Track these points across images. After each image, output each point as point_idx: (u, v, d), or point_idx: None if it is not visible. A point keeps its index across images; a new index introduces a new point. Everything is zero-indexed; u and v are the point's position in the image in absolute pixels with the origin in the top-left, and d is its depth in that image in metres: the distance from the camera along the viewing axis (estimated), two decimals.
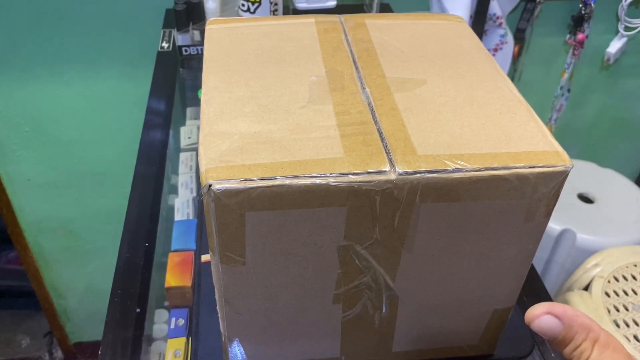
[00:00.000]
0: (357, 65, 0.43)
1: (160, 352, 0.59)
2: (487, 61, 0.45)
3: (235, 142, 0.35)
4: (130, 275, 0.60)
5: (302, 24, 0.48)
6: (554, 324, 0.28)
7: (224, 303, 0.39)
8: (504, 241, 0.38)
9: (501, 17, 1.11)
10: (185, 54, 0.97)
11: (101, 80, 1.14)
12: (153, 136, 0.79)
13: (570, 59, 1.23)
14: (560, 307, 0.28)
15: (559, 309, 0.28)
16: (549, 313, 0.28)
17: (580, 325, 0.28)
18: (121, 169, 1.26)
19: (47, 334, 1.64)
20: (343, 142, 0.35)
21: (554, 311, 0.28)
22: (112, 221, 1.35)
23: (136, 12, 1.07)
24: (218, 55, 0.44)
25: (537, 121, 0.38)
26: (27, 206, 1.32)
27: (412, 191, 0.34)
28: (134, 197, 0.69)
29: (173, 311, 0.60)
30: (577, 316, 0.28)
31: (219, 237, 0.35)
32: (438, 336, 0.46)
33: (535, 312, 0.28)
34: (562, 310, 0.28)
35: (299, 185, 0.32)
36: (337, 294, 0.40)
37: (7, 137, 1.20)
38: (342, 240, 0.36)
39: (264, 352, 0.44)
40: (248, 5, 0.87)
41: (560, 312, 0.28)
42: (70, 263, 1.45)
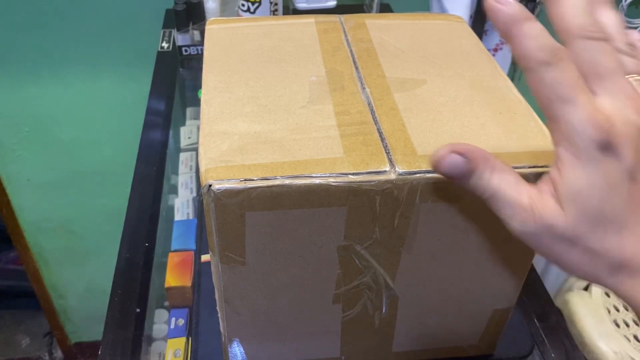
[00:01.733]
0: (357, 65, 0.43)
1: (160, 352, 0.59)
2: (487, 61, 0.45)
3: (235, 142, 0.35)
4: (130, 275, 0.60)
5: (302, 24, 0.48)
6: (459, 160, 0.29)
7: (224, 303, 0.39)
8: (504, 241, 0.38)
9: None
10: (185, 54, 0.97)
11: (101, 80, 1.14)
12: (153, 136, 0.79)
13: None
14: (461, 144, 0.29)
15: (460, 146, 0.29)
16: (452, 151, 0.29)
17: (480, 157, 0.29)
18: (121, 169, 1.26)
19: (47, 334, 1.64)
20: (343, 142, 0.35)
21: (457, 148, 0.29)
22: (112, 221, 1.35)
23: (136, 12, 1.07)
24: (218, 55, 0.44)
25: (537, 121, 0.38)
26: (27, 206, 1.32)
27: (412, 191, 0.34)
28: (134, 197, 0.69)
29: (173, 311, 0.60)
30: (476, 149, 0.29)
31: (219, 237, 0.35)
32: (438, 336, 0.46)
33: (440, 153, 0.29)
34: (463, 146, 0.29)
35: (299, 185, 0.32)
36: (337, 294, 0.40)
37: (7, 137, 1.20)
38: (342, 240, 0.36)
39: (264, 352, 0.44)
40: (248, 5, 0.87)
41: (462, 147, 0.29)
42: (70, 263, 1.45)
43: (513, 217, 0.29)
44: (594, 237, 0.27)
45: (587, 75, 0.27)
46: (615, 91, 0.27)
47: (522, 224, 0.28)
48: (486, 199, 0.29)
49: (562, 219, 0.27)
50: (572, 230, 0.27)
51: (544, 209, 0.28)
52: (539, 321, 0.56)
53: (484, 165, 0.29)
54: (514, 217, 0.28)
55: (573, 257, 0.28)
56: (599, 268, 0.28)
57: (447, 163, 0.29)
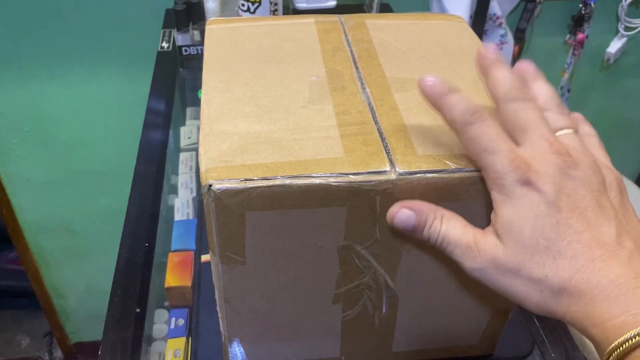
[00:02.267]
0: (357, 65, 0.43)
1: (160, 352, 0.59)
2: None
3: (235, 142, 0.35)
4: (130, 275, 0.60)
5: (302, 24, 0.48)
6: (408, 214, 0.33)
7: (224, 303, 0.39)
8: None
9: (501, 17, 1.11)
10: (185, 54, 0.97)
11: (101, 80, 1.14)
12: (153, 136, 0.79)
13: (570, 59, 1.23)
14: (411, 201, 0.33)
15: (409, 202, 0.33)
16: (403, 207, 0.33)
17: (429, 209, 0.33)
18: (121, 169, 1.26)
19: (47, 334, 1.64)
20: (343, 142, 0.35)
21: (406, 205, 0.33)
22: (112, 221, 1.35)
23: (136, 12, 1.07)
24: (218, 55, 0.44)
25: None
26: (27, 206, 1.32)
27: (412, 191, 0.34)
28: (134, 197, 0.69)
29: (173, 311, 0.61)
30: (424, 203, 0.33)
31: (219, 237, 0.35)
32: (438, 336, 0.46)
33: (392, 211, 0.33)
34: (412, 203, 0.33)
35: (299, 185, 0.32)
36: (337, 294, 0.40)
37: (7, 137, 1.20)
38: (342, 240, 0.36)
39: (264, 352, 0.44)
40: (248, 5, 0.87)
41: (411, 204, 0.33)
42: (70, 263, 1.45)
43: (462, 256, 0.32)
44: (533, 265, 0.30)
45: (512, 131, 0.32)
46: (535, 139, 0.31)
47: (471, 260, 0.32)
48: (439, 245, 0.33)
49: (502, 251, 0.31)
50: (513, 260, 0.30)
51: (486, 245, 0.31)
52: (539, 321, 0.56)
53: (432, 216, 0.33)
54: (463, 256, 0.32)
55: (520, 287, 0.31)
56: (545, 295, 0.30)
57: (398, 219, 0.33)
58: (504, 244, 0.31)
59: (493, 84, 0.33)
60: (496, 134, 0.31)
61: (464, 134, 0.32)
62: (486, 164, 0.31)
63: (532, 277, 0.30)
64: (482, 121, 0.31)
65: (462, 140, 0.32)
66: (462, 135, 0.32)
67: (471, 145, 0.32)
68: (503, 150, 0.30)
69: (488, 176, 0.32)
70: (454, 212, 0.33)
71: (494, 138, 0.31)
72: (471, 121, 0.31)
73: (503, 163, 0.30)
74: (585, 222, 0.30)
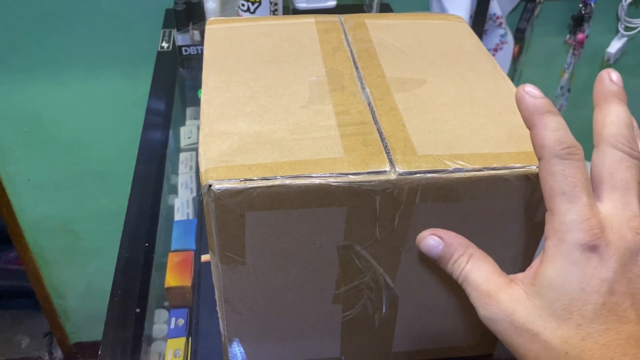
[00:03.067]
0: (357, 65, 0.43)
1: (160, 352, 0.59)
2: (487, 61, 0.45)
3: (235, 142, 0.35)
4: (130, 275, 0.60)
5: (302, 24, 0.48)
6: (436, 243, 0.32)
7: (224, 303, 0.39)
8: (503, 241, 0.38)
9: (501, 17, 1.11)
10: (185, 54, 0.97)
11: (101, 80, 1.14)
12: (153, 136, 0.79)
13: (570, 59, 1.23)
14: (442, 231, 0.33)
15: (440, 232, 0.33)
16: (432, 234, 0.33)
17: (459, 244, 0.32)
18: (121, 169, 1.26)
19: (47, 334, 1.64)
20: (343, 142, 0.35)
21: (437, 233, 0.33)
22: (112, 221, 1.34)
23: (136, 12, 1.07)
24: (218, 55, 0.44)
25: None
26: (27, 206, 1.32)
27: (412, 191, 0.34)
28: (134, 197, 0.69)
29: (173, 311, 0.60)
30: (457, 237, 0.32)
31: (219, 237, 0.35)
32: (438, 336, 0.46)
33: (422, 235, 0.33)
34: (443, 233, 0.33)
35: (299, 185, 0.32)
36: (337, 294, 0.40)
37: (7, 137, 1.20)
38: (342, 240, 0.36)
39: (264, 352, 0.44)
40: (248, 5, 0.87)
41: (442, 233, 0.33)
42: (70, 263, 1.45)
43: (477, 301, 0.30)
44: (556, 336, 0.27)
45: (601, 181, 0.28)
46: (620, 205, 0.27)
47: (485, 309, 0.30)
48: (460, 282, 0.32)
49: (525, 308, 0.28)
50: (535, 321, 0.28)
51: (508, 297, 0.29)
52: None
53: (460, 252, 0.32)
54: (478, 301, 0.30)
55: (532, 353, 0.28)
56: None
57: (424, 244, 0.33)
58: (531, 300, 0.28)
59: (603, 119, 0.29)
60: (582, 181, 0.27)
61: (549, 166, 0.28)
62: (557, 209, 0.27)
63: (550, 346, 0.27)
64: (574, 160, 0.27)
65: (542, 170, 0.28)
66: (545, 165, 0.28)
67: (550, 181, 0.28)
68: (581, 204, 0.27)
69: (552, 222, 0.28)
70: (485, 254, 0.32)
71: (578, 185, 0.27)
72: (562, 155, 0.27)
73: (576, 218, 0.27)
74: (635, 314, 0.26)
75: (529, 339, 0.28)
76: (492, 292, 0.30)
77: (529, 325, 0.28)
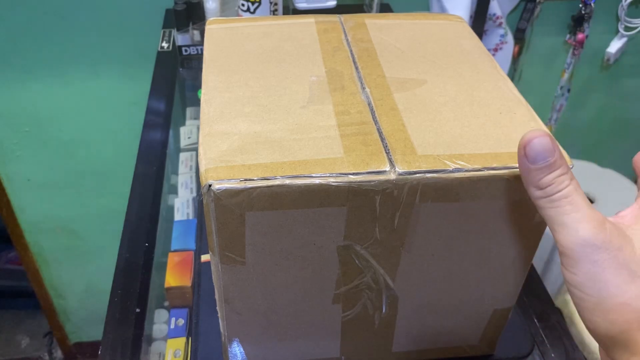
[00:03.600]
0: (357, 65, 0.43)
1: (160, 352, 0.59)
2: (487, 61, 0.45)
3: (235, 142, 0.35)
4: (130, 275, 0.60)
5: (302, 24, 0.48)
6: (551, 146, 0.28)
7: (224, 303, 0.39)
8: (504, 241, 0.38)
9: (501, 17, 1.11)
10: (185, 54, 0.97)
11: (101, 80, 1.14)
12: (153, 136, 0.79)
13: (570, 59, 1.23)
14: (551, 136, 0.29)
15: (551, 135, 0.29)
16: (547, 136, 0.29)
17: (564, 155, 0.29)
18: (121, 169, 1.26)
19: (46, 334, 1.64)
20: (343, 142, 0.35)
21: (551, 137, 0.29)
22: (112, 221, 1.35)
23: (136, 12, 1.07)
24: (218, 55, 0.44)
25: (537, 121, 0.38)
26: (27, 206, 1.32)
27: (412, 191, 0.34)
28: (134, 197, 0.69)
29: (173, 311, 0.61)
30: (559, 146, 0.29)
31: (219, 237, 0.35)
32: (438, 336, 0.46)
33: (533, 134, 0.29)
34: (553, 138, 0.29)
35: (299, 185, 0.32)
36: (337, 294, 0.40)
37: (7, 137, 1.20)
38: (342, 240, 0.36)
39: (264, 352, 0.44)
40: (248, 5, 0.87)
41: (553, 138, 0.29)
42: (70, 263, 1.45)
43: (579, 222, 0.27)
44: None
45: None
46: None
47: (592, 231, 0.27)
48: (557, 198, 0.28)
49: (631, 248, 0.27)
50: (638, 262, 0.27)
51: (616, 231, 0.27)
52: (539, 321, 0.56)
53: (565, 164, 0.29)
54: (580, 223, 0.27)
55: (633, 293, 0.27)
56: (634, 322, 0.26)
57: (539, 143, 0.28)
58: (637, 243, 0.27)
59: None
60: None
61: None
62: None
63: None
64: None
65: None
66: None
67: None
68: None
69: None
70: None
71: None
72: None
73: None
74: None
75: (628, 279, 0.27)
76: (599, 219, 0.27)
77: (633, 266, 0.27)
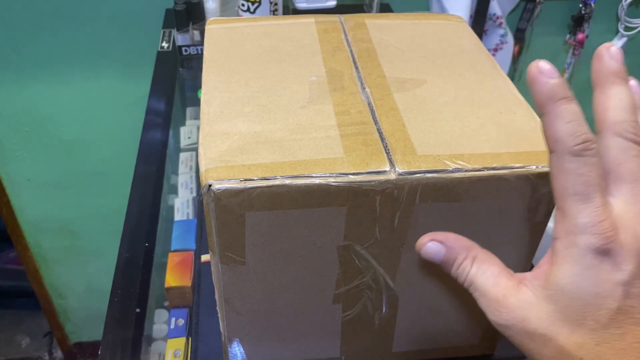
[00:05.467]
0: (357, 65, 0.43)
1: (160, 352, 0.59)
2: (487, 61, 0.45)
3: (235, 142, 0.35)
4: (130, 275, 0.60)
5: (302, 24, 0.48)
6: (437, 248, 0.30)
7: (224, 303, 0.39)
8: (504, 241, 0.38)
9: (501, 17, 1.11)
10: (185, 54, 0.97)
11: (101, 80, 1.14)
12: (153, 136, 0.79)
13: (570, 59, 1.23)
14: (442, 234, 0.31)
15: (440, 235, 0.31)
16: (432, 240, 0.31)
17: (461, 247, 0.30)
18: (121, 169, 1.26)
19: (47, 334, 1.64)
20: (343, 142, 0.35)
21: (437, 237, 0.31)
22: (112, 221, 1.35)
23: (136, 12, 1.07)
24: (218, 55, 0.44)
25: (537, 121, 0.38)
26: (27, 206, 1.32)
27: (412, 191, 0.34)
28: (134, 197, 0.69)
29: (173, 311, 0.61)
30: (458, 239, 0.30)
31: (219, 237, 0.35)
32: (438, 336, 0.46)
33: (421, 241, 0.31)
34: (443, 236, 0.31)
35: (299, 185, 0.32)
36: (337, 294, 0.40)
37: (7, 137, 1.20)
38: (342, 240, 0.36)
39: (264, 352, 0.44)
40: (248, 5, 0.87)
41: (442, 237, 0.31)
42: (70, 263, 1.45)
43: (487, 307, 0.29)
44: (569, 341, 0.26)
45: (609, 173, 0.27)
46: (631, 199, 0.26)
47: (496, 315, 0.28)
48: (466, 287, 0.30)
49: (536, 313, 0.27)
50: (546, 327, 0.27)
51: (518, 302, 0.28)
52: None
53: (463, 255, 0.30)
54: (488, 308, 0.29)
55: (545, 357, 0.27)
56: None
57: (426, 251, 0.31)
58: (542, 304, 0.27)
59: (604, 103, 0.27)
60: (596, 179, 0.25)
61: (561, 162, 0.26)
62: (568, 210, 0.26)
63: (564, 352, 0.26)
64: (589, 156, 0.25)
65: (554, 166, 0.26)
66: (557, 161, 0.26)
67: (561, 179, 0.26)
68: (594, 205, 0.25)
69: (563, 223, 0.26)
70: (490, 253, 0.30)
71: (592, 184, 0.25)
72: (576, 152, 0.25)
73: (588, 220, 0.25)
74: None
75: (542, 344, 0.27)
76: (500, 298, 0.28)
77: (541, 331, 0.27)
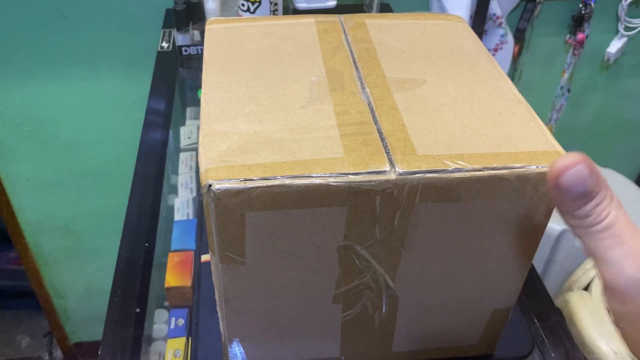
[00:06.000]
0: (357, 65, 0.43)
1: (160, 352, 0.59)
2: (487, 61, 0.45)
3: (235, 142, 0.35)
4: (130, 275, 0.60)
5: (302, 24, 0.48)
6: (585, 174, 0.24)
7: (224, 303, 0.39)
8: (504, 241, 0.38)
9: (501, 17, 1.11)
10: (185, 54, 0.97)
11: (101, 80, 1.14)
12: (153, 136, 0.79)
13: (570, 59, 1.23)
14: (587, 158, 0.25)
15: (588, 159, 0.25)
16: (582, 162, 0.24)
17: (604, 180, 0.25)
18: (121, 169, 1.26)
19: (46, 334, 1.64)
20: (343, 142, 0.35)
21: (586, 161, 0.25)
22: (112, 221, 1.35)
23: (136, 12, 1.07)
24: (218, 55, 0.44)
25: (537, 121, 0.38)
26: (27, 206, 1.32)
27: (412, 191, 0.34)
28: (134, 197, 0.69)
29: (173, 311, 0.61)
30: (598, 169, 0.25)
31: (219, 237, 0.35)
32: (438, 336, 0.46)
33: (565, 162, 0.25)
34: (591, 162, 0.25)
35: (299, 185, 0.32)
36: (337, 294, 0.40)
37: (7, 137, 1.20)
38: (342, 240, 0.36)
39: (264, 352, 0.44)
40: (248, 5, 0.87)
41: (591, 163, 0.25)
42: (70, 263, 1.45)
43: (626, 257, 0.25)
44: None
45: None
46: None
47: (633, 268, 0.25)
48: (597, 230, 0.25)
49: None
50: None
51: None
52: (539, 321, 0.56)
53: (605, 192, 0.25)
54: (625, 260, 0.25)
55: None
56: None
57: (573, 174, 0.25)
58: None
59: None
60: None
61: None
62: None
63: None
64: None
65: None
66: None
67: None
68: None
69: None
70: None
71: None
72: None
73: None
74: None
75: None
76: None
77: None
